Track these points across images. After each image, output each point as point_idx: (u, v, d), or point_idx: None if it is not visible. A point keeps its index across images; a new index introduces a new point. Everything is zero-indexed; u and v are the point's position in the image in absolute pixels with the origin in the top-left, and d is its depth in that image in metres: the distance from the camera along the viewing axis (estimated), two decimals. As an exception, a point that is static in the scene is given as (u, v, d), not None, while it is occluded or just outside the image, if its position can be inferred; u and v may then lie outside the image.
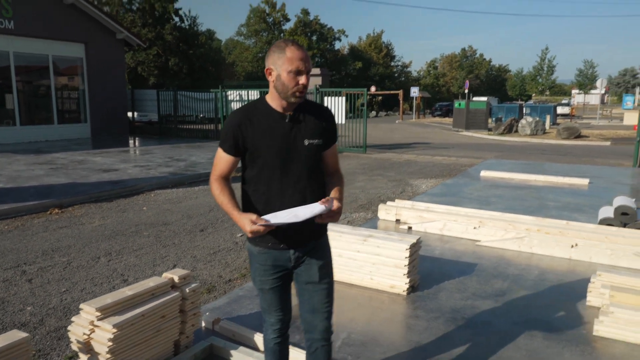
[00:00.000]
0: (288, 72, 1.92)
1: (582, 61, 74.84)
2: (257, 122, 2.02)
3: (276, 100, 2.02)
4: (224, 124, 2.09)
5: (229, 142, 2.03)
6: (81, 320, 2.44)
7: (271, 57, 1.97)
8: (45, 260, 4.81)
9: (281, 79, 1.94)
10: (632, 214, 5.48)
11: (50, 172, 9.39)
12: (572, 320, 3.39)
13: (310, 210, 1.93)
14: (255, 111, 2.04)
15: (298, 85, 1.95)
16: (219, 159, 2.09)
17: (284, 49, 1.94)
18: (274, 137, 2.01)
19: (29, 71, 15.89)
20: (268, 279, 2.14)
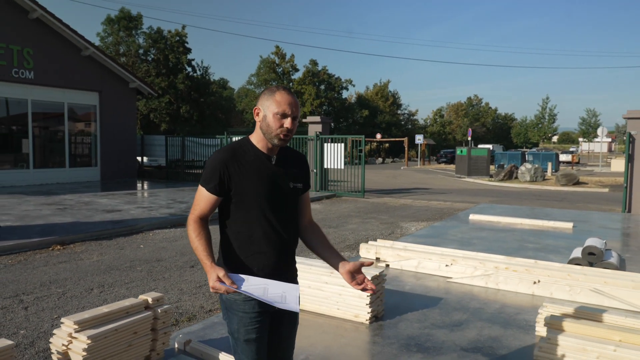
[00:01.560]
0: (274, 114, 1.96)
1: (585, 110, 75.80)
2: (244, 162, 2.00)
3: (261, 141, 2.04)
4: (209, 162, 2.03)
5: (214, 181, 1.98)
6: (61, 332, 2.79)
7: (261, 98, 2.03)
8: (42, 290, 5.17)
9: (267, 120, 1.98)
10: (598, 254, 5.75)
11: (56, 212, 9.88)
12: (517, 347, 3.65)
13: (282, 289, 1.94)
14: (242, 150, 2.03)
15: (282, 128, 1.97)
16: (200, 198, 2.02)
17: (274, 92, 2.00)
18: (261, 178, 2.01)
19: (44, 117, 16.77)
20: (255, 327, 2.03)
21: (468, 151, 26.17)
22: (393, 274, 5.67)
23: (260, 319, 2.04)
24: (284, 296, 1.92)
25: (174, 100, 32.94)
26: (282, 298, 1.92)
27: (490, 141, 61.49)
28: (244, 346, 2.04)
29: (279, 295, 1.92)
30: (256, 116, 2.04)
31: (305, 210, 2.21)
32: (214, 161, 2.00)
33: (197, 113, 34.02)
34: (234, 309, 2.03)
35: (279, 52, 47.59)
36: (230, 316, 2.06)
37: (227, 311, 2.08)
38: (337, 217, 10.71)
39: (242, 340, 2.04)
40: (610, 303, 4.61)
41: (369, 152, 51.10)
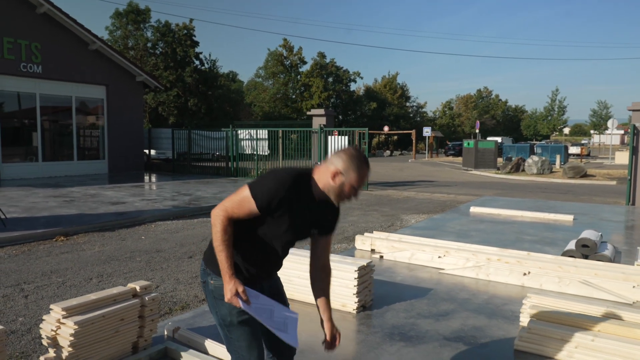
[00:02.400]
0: (351, 184, 2.03)
1: (596, 102, 74.79)
2: (297, 203, 2.04)
3: (321, 189, 2.08)
4: (272, 182, 2.00)
5: (267, 202, 1.99)
6: (50, 318, 2.90)
7: (346, 163, 2.03)
8: (43, 280, 5.32)
9: (343, 187, 2.04)
10: (592, 246, 5.76)
11: (62, 204, 10.07)
12: (499, 337, 3.71)
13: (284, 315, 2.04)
14: (303, 187, 2.06)
15: (350, 196, 2.07)
16: (242, 204, 2.01)
17: (362, 166, 2.04)
18: (296, 224, 2.08)
19: (53, 111, 17.01)
20: None
21: (475, 144, 26.05)
22: (386, 265, 5.74)
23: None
24: (286, 324, 1.99)
25: (182, 94, 33.12)
26: (284, 326, 1.97)
27: (500, 133, 61.05)
28: (240, 329, 2.08)
29: (282, 321, 1.98)
30: (334, 177, 2.03)
31: (323, 254, 2.28)
32: (280, 188, 1.99)
33: (205, 106, 34.18)
34: (222, 296, 2.05)
35: (286, 44, 47.55)
36: (218, 305, 2.09)
37: (215, 300, 2.11)
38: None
39: (235, 323, 2.08)
40: (599, 295, 4.64)
41: (377, 144, 51.03)
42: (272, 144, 17.09)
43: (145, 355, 3.18)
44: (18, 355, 3.51)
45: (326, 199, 2.11)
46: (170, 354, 3.29)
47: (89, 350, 2.93)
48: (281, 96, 46.80)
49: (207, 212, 9.99)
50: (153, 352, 3.22)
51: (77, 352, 2.86)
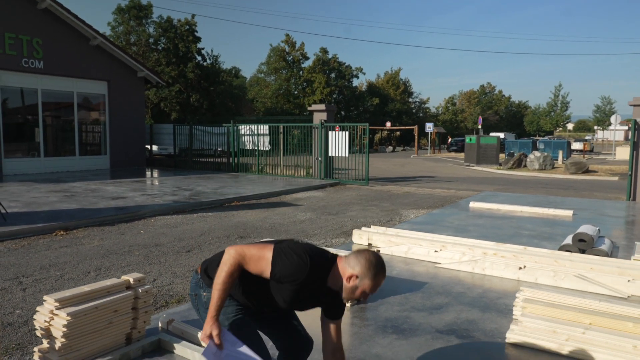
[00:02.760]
0: (364, 290, 2.07)
1: (599, 97, 74.34)
2: (310, 285, 2.08)
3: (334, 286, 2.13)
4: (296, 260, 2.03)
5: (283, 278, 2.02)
6: (44, 309, 2.93)
7: (363, 270, 2.07)
8: (41, 273, 5.36)
9: (355, 290, 2.07)
10: (589, 240, 5.77)
11: (63, 199, 10.12)
12: (492, 330, 3.73)
13: None
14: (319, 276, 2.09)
15: (359, 299, 2.13)
16: (259, 264, 2.03)
17: (379, 275, 2.09)
18: (303, 298, 2.13)
19: (55, 107, 17.05)
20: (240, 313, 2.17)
21: (477, 139, 26.00)
22: (383, 259, 5.75)
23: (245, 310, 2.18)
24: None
25: (184, 89, 33.12)
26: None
27: (503, 129, 60.87)
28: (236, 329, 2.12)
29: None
30: (349, 279, 2.07)
31: (334, 338, 2.31)
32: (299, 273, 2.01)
33: (207, 102, 34.16)
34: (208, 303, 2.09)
35: (289, 40, 47.45)
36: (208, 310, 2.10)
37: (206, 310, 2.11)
38: (339, 204, 10.80)
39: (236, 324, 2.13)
40: (594, 289, 4.65)
41: (380, 140, 50.95)
42: (273, 140, 17.10)
43: (139, 346, 3.21)
44: (14, 346, 3.55)
45: (337, 290, 2.14)
46: (164, 345, 3.32)
47: (82, 341, 2.96)
48: (283, 92, 46.76)
49: (207, 208, 10.03)
50: (146, 344, 3.25)
51: (70, 342, 2.89)
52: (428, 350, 3.36)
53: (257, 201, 11.16)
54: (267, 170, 17.33)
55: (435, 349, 3.37)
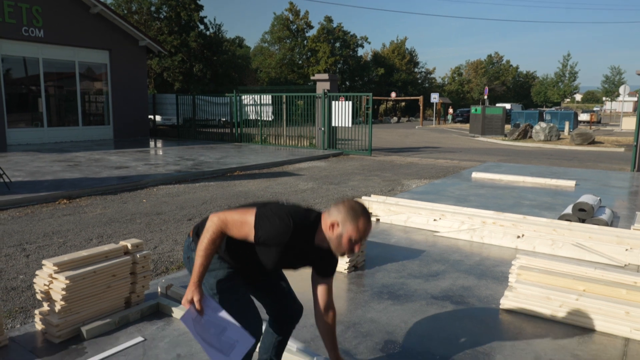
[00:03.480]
0: (350, 238, 2.00)
1: (609, 67, 72.92)
2: (296, 244, 2.04)
3: (322, 240, 2.08)
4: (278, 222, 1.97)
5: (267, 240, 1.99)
6: (43, 273, 2.98)
7: (342, 216, 2.01)
8: (44, 240, 5.44)
9: (341, 240, 2.00)
10: (589, 210, 5.76)
11: (66, 169, 10.17)
12: (487, 297, 3.76)
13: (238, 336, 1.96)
14: (305, 234, 2.05)
15: (351, 252, 2.05)
16: (242, 228, 2.00)
17: (359, 218, 1.99)
18: (291, 257, 2.10)
19: (57, 77, 16.94)
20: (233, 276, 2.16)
21: (483, 110, 25.71)
22: (382, 228, 5.79)
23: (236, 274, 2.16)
24: (234, 345, 1.94)
25: (187, 59, 32.78)
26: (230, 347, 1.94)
27: (510, 100, 60.16)
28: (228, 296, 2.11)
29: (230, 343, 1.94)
30: (331, 228, 2.02)
31: (326, 296, 2.27)
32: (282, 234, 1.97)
33: (211, 72, 33.85)
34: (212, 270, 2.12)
35: (293, 8, 46.59)
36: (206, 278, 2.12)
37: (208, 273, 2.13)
38: (341, 174, 10.80)
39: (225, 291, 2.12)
40: (592, 257, 4.67)
41: (385, 111, 50.52)
42: (276, 110, 16.99)
43: (137, 310, 3.27)
44: (17, 310, 3.63)
45: (327, 247, 2.10)
46: (162, 309, 3.38)
47: (82, 304, 3.02)
48: (287, 62, 46.19)
49: (209, 177, 10.06)
50: (145, 307, 3.31)
51: (69, 305, 2.95)
52: (422, 315, 3.41)
53: (259, 171, 11.17)
54: (270, 141, 17.29)
55: (429, 314, 3.42)
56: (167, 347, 2.92)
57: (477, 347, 2.97)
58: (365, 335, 3.11)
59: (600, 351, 2.96)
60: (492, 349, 2.95)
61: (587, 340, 3.09)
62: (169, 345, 2.94)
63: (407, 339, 3.06)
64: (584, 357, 2.88)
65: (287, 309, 2.36)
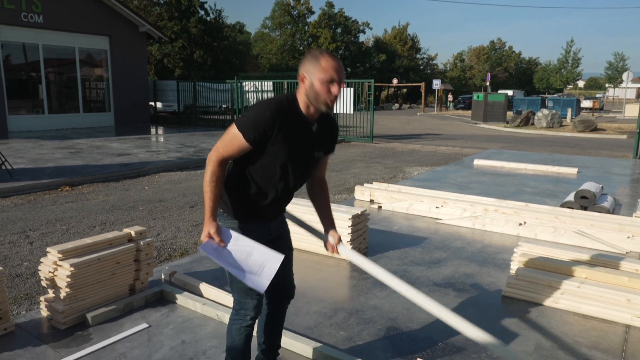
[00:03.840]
0: (321, 80, 1.92)
1: (612, 54, 72.26)
2: (291, 127, 1.97)
3: (307, 107, 2.01)
4: (254, 110, 1.95)
5: (256, 133, 1.93)
6: (47, 260, 3.00)
7: (305, 64, 1.97)
8: (47, 227, 5.46)
9: (314, 87, 1.94)
10: (591, 197, 5.76)
11: (68, 156, 10.17)
12: (489, 284, 3.78)
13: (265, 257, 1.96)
14: (288, 111, 1.98)
15: (330, 95, 1.94)
16: (232, 142, 1.97)
17: (318, 57, 1.94)
18: (299, 144, 2.01)
19: (57, 63, 16.86)
20: None
21: (485, 97, 25.59)
22: (384, 215, 5.80)
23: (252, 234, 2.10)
24: (263, 266, 1.94)
25: (187, 45, 32.53)
26: (260, 268, 1.94)
27: (513, 87, 59.78)
28: None
29: (258, 264, 1.94)
30: (301, 82, 1.98)
31: (321, 168, 2.26)
32: (263, 114, 1.92)
33: (211, 58, 33.61)
34: None
35: (294, -7, 46.14)
36: None
37: None
38: (342, 162, 10.79)
39: None
40: (593, 245, 4.68)
41: (386, 97, 50.29)
42: (278, 96, 16.91)
43: (142, 296, 3.29)
44: (22, 296, 3.65)
45: (319, 116, 2.06)
46: (166, 296, 3.41)
47: (87, 291, 3.04)
48: (289, 48, 45.87)
49: (210, 164, 10.05)
50: (149, 294, 3.34)
51: (74, 292, 2.97)
52: (425, 302, 3.43)
53: (261, 158, 11.15)
54: (271, 128, 17.22)
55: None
56: (172, 333, 2.95)
57: (479, 334, 2.98)
58: (368, 322, 3.13)
59: (601, 338, 2.98)
60: (494, 336, 2.97)
61: (588, 327, 3.11)
62: (174, 332, 2.97)
63: (409, 326, 3.09)
64: (585, 344, 2.90)
65: (284, 286, 2.37)
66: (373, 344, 2.87)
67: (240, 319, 2.20)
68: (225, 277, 3.79)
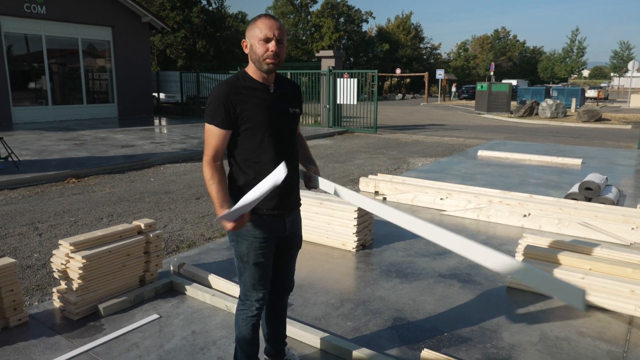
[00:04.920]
0: (258, 40, 1.99)
1: (618, 42, 71.65)
2: (245, 92, 2.04)
3: (256, 72, 2.08)
4: (210, 98, 2.04)
5: (221, 115, 2.00)
6: (60, 253, 3.05)
7: (247, 31, 2.07)
8: (56, 219, 5.52)
9: (253, 48, 2.02)
10: (595, 189, 5.77)
11: (73, 147, 10.22)
12: (494, 275, 3.82)
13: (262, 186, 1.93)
14: (240, 82, 2.06)
15: (268, 52, 1.99)
16: (210, 136, 2.04)
17: (256, 20, 2.03)
18: (262, 106, 2.06)
19: (61, 54, 16.86)
20: (264, 251, 2.15)
21: (489, 87, 25.46)
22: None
23: (269, 243, 2.15)
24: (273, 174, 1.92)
25: (190, 35, 32.44)
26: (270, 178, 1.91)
27: (517, 76, 59.40)
28: (252, 269, 2.16)
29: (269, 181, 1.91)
30: (245, 49, 2.07)
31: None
32: (216, 95, 2.01)
33: (214, 48, 33.52)
34: (243, 234, 2.13)
35: (296, -18, 45.81)
36: (239, 240, 2.15)
37: (236, 236, 2.16)
38: (346, 153, 10.81)
39: (251, 263, 2.15)
40: (597, 236, 4.71)
41: (389, 87, 50.08)
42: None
43: (152, 288, 3.35)
44: (34, 287, 3.72)
45: (276, 79, 2.14)
46: (176, 287, 3.46)
47: (98, 283, 3.10)
48: (291, 37, 45.63)
49: (215, 155, 10.08)
50: (159, 285, 3.39)
51: (86, 284, 3.02)
52: (430, 293, 3.48)
53: (265, 149, 11.18)
54: (274, 119, 17.21)
55: (437, 292, 3.49)
56: (182, 324, 3.01)
57: (483, 324, 3.04)
58: (375, 313, 3.18)
59: (605, 328, 3.02)
60: (499, 326, 3.02)
61: (592, 317, 3.15)
62: (184, 322, 3.02)
63: (415, 316, 3.13)
64: (589, 334, 2.94)
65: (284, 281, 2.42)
66: (380, 334, 2.92)
67: (246, 309, 2.25)
68: (233, 269, 3.85)
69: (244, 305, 2.26)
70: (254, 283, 2.18)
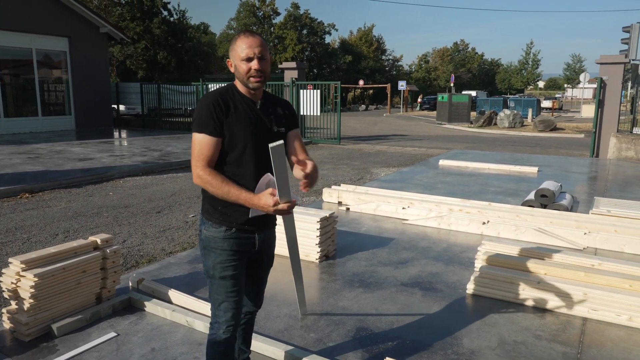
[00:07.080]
0: (240, 59, 2.02)
1: (570, 55, 75.16)
2: (232, 105, 2.04)
3: (243, 88, 2.10)
4: (199, 107, 2.04)
5: (211, 123, 1.99)
6: (9, 271, 2.92)
7: (229, 50, 2.09)
8: (7, 236, 5.28)
9: (237, 68, 2.04)
10: (550, 196, 5.99)
11: (27, 161, 9.84)
12: (454, 282, 3.90)
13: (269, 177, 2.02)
14: (229, 94, 2.07)
15: (251, 71, 2.01)
16: (202, 146, 2.00)
17: (236, 39, 2.05)
18: (248, 121, 2.05)
19: (13, 65, 16.26)
20: (231, 264, 2.09)
21: (449, 98, 26.16)
22: (352, 217, 5.87)
23: (237, 257, 2.09)
24: None
25: (151, 46, 31.95)
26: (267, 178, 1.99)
27: (476, 87, 61.23)
28: (219, 282, 2.09)
29: None
30: (231, 68, 2.09)
31: (297, 149, 2.21)
32: (205, 104, 2.00)
33: (175, 59, 33.11)
34: (211, 246, 2.08)
35: (259, -6, 45.89)
36: (207, 254, 2.11)
37: (204, 250, 2.12)
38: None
39: (217, 277, 2.09)
40: (553, 242, 4.87)
41: (353, 99, 50.65)
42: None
43: (109, 305, 3.24)
44: (-18, 309, 3.53)
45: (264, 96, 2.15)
46: (134, 303, 3.36)
47: (52, 301, 2.97)
48: (254, 49, 45.53)
49: (176, 168, 9.92)
50: (117, 302, 3.29)
51: (38, 303, 2.90)
52: (392, 302, 3.51)
53: (228, 161, 11.07)
54: (238, 130, 17.09)
55: (399, 301, 3.52)
56: (141, 341, 2.92)
57: (445, 331, 3.08)
58: (338, 323, 3.18)
59: (560, 330, 3.12)
60: (460, 332, 3.07)
61: (548, 321, 3.25)
62: (143, 340, 2.93)
63: (378, 326, 3.15)
64: (545, 337, 3.03)
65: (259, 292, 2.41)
66: (343, 345, 2.92)
67: (214, 332, 2.16)
68: (195, 284, 3.79)
69: (212, 328, 2.18)
70: (222, 301, 2.11)
